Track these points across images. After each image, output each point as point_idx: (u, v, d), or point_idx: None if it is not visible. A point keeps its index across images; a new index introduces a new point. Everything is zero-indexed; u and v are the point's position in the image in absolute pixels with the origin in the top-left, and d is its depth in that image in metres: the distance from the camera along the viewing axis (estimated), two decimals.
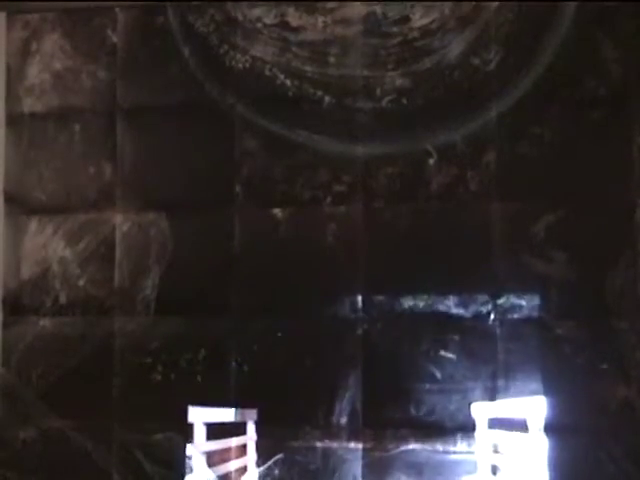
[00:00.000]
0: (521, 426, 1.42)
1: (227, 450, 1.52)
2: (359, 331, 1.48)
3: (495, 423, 1.43)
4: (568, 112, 1.44)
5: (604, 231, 1.42)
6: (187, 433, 1.52)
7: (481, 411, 1.43)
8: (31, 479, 1.57)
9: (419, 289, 1.46)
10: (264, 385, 1.52)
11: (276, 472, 1.49)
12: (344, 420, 1.48)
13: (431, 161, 1.48)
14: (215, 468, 1.52)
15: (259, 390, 1.52)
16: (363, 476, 1.46)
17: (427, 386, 1.45)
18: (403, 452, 1.45)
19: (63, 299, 1.59)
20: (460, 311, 1.45)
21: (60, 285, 1.59)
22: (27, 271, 1.61)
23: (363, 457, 1.46)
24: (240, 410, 1.51)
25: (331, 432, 1.48)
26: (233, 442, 1.52)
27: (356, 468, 1.46)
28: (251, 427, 1.51)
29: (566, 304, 1.42)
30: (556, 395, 1.40)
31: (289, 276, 1.52)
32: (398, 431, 1.45)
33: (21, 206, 1.62)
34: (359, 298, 1.48)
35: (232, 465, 1.53)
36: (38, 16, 1.64)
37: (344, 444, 1.47)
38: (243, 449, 1.52)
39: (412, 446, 1.44)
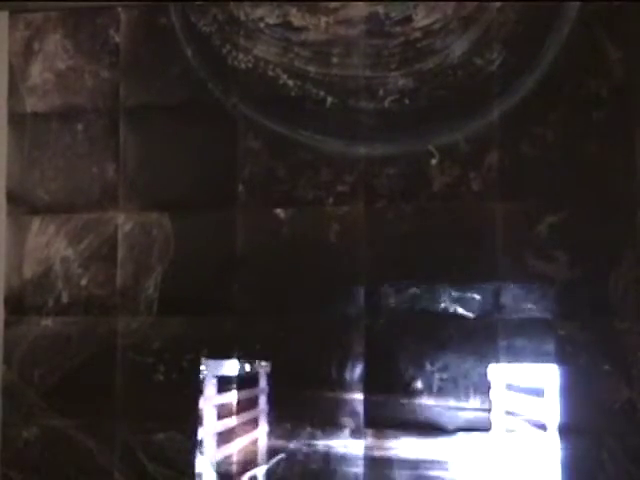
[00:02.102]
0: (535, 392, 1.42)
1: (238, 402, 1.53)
2: (361, 330, 1.48)
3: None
4: (571, 112, 1.44)
5: (607, 231, 1.42)
6: (190, 432, 1.52)
7: (497, 375, 1.43)
8: (33, 478, 1.58)
9: (421, 288, 1.46)
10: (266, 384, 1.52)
11: (277, 472, 1.49)
12: (347, 419, 1.48)
13: (433, 161, 1.48)
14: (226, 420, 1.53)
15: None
16: (365, 475, 1.46)
17: (429, 384, 1.45)
18: (405, 452, 1.45)
19: (65, 298, 1.59)
20: (462, 311, 1.45)
21: (62, 284, 1.59)
22: (29, 270, 1.61)
23: (365, 456, 1.47)
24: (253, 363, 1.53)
25: (333, 431, 1.48)
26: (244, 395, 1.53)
27: (358, 468, 1.47)
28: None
29: (568, 304, 1.42)
30: (558, 396, 1.41)
31: (291, 276, 1.52)
32: (400, 430, 1.45)
33: (23, 205, 1.62)
34: (361, 297, 1.48)
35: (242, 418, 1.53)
36: (41, 15, 1.64)
37: (346, 443, 1.48)
38: (255, 401, 1.52)
39: (415, 445, 1.45)
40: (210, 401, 1.53)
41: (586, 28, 1.44)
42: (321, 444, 1.48)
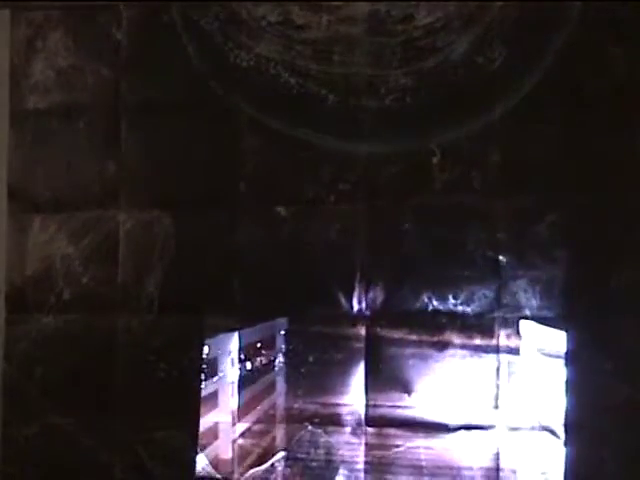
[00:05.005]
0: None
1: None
2: (362, 329, 1.48)
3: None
4: (572, 111, 1.44)
5: (607, 230, 1.42)
6: (190, 430, 1.52)
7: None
8: (34, 476, 1.58)
9: (422, 287, 1.46)
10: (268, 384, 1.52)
11: (278, 470, 1.50)
12: (347, 419, 1.48)
13: (435, 159, 1.48)
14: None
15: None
16: (365, 474, 1.46)
17: (430, 384, 1.45)
18: (406, 451, 1.45)
19: (67, 296, 1.59)
20: (463, 309, 1.45)
21: (64, 282, 1.60)
22: (31, 268, 1.61)
23: (366, 455, 1.47)
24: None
25: (334, 431, 1.48)
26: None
27: (358, 467, 1.47)
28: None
29: (570, 303, 1.42)
30: (560, 394, 1.40)
31: (292, 274, 1.52)
32: (401, 430, 1.45)
33: (25, 203, 1.62)
34: (362, 296, 1.48)
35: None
36: (42, 14, 1.64)
37: (347, 443, 1.48)
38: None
39: (415, 444, 1.45)
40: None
41: (587, 27, 1.44)
42: (322, 441, 1.49)
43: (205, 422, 1.53)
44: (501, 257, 1.44)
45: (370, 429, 1.47)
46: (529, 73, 1.45)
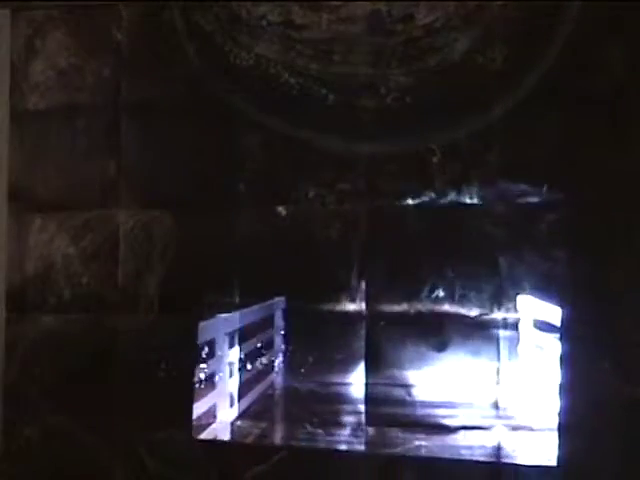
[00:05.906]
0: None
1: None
2: (362, 329, 1.48)
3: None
4: (571, 111, 1.44)
5: (607, 230, 1.42)
6: (190, 430, 1.52)
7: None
8: (34, 476, 1.58)
9: (422, 287, 1.46)
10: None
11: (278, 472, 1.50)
12: (347, 419, 1.48)
13: (434, 159, 1.48)
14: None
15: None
16: (366, 475, 1.46)
17: (430, 385, 1.45)
18: (407, 450, 1.45)
19: (67, 296, 1.59)
20: (462, 309, 1.45)
21: (64, 282, 1.60)
22: (31, 268, 1.61)
23: (366, 455, 1.47)
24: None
25: (334, 432, 1.48)
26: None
27: (359, 467, 1.47)
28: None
29: (569, 302, 1.42)
30: (558, 394, 1.41)
31: (293, 274, 1.52)
32: (402, 429, 1.45)
33: (25, 203, 1.63)
34: (362, 296, 1.48)
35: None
36: (42, 13, 1.64)
37: (347, 444, 1.48)
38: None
39: (417, 444, 1.45)
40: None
41: (587, 27, 1.44)
42: (322, 444, 1.49)
43: (203, 404, 1.53)
44: (500, 257, 1.44)
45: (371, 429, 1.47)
46: (529, 73, 1.45)
